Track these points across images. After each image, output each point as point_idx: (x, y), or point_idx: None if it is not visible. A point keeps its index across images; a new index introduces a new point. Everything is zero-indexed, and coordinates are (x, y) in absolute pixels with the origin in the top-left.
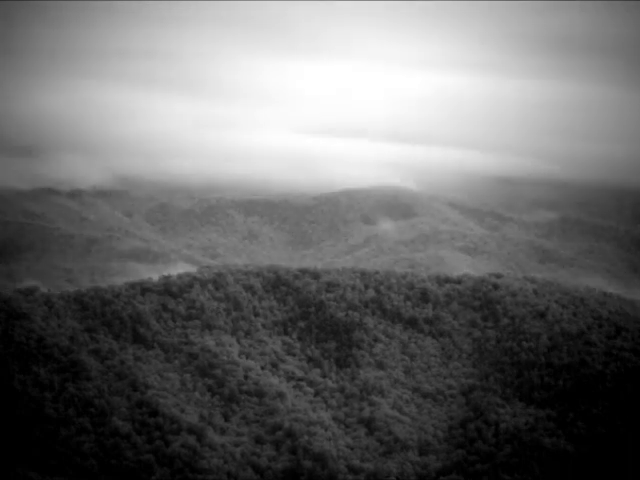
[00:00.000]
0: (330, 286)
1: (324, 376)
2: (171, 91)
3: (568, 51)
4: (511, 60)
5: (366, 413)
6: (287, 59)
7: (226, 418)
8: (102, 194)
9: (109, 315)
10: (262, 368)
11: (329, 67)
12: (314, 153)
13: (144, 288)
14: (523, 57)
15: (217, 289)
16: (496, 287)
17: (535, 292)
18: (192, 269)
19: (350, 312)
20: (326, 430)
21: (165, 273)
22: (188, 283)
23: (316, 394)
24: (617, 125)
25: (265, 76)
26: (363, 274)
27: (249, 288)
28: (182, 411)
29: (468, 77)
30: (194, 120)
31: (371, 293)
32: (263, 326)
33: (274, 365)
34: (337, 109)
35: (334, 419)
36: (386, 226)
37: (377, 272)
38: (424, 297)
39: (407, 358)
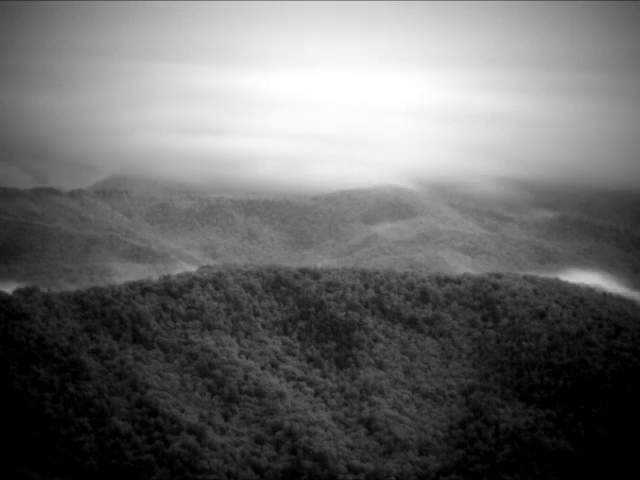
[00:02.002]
0: (330, 286)
1: (324, 376)
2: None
3: (567, 68)
4: (514, 75)
5: (366, 413)
6: (288, 65)
7: (226, 418)
8: (102, 194)
9: (109, 315)
10: (262, 368)
11: (328, 74)
12: (313, 154)
13: (144, 288)
14: (524, 72)
15: (217, 289)
16: (496, 287)
17: (535, 292)
18: (192, 269)
19: (350, 312)
20: (326, 430)
21: (165, 273)
22: (188, 283)
23: (316, 394)
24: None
25: (266, 83)
26: (363, 274)
27: (249, 288)
28: (182, 411)
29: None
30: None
31: (371, 293)
32: (263, 326)
33: (274, 365)
34: (338, 114)
35: (334, 419)
36: (386, 226)
37: (377, 272)
38: (424, 297)
39: (407, 358)
